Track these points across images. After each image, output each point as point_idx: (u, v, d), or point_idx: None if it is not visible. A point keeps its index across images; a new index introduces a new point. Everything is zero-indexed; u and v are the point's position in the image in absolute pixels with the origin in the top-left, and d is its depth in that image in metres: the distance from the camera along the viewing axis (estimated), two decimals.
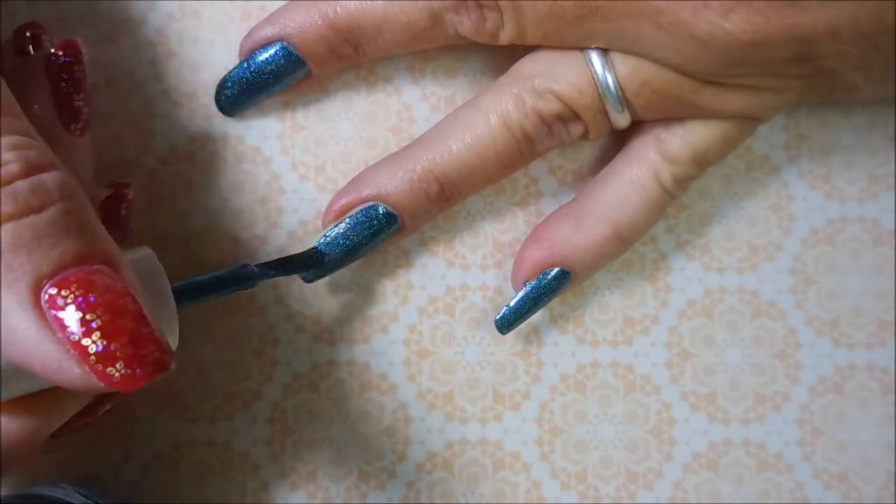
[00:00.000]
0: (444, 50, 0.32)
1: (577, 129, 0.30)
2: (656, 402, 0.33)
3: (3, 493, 0.31)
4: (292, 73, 0.30)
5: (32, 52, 0.28)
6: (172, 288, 0.25)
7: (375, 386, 0.32)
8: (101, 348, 0.21)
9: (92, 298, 0.21)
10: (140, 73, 0.31)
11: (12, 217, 0.21)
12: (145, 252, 0.25)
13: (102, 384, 0.21)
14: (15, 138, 0.22)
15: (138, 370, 0.21)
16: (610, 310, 0.33)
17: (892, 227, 0.33)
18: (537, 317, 0.32)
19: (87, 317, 0.21)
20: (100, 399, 0.28)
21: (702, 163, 0.30)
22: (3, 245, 0.20)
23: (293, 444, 0.32)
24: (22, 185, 0.21)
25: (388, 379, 0.32)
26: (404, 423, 0.32)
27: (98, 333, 0.21)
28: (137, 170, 0.31)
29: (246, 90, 0.31)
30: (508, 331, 0.32)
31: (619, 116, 0.29)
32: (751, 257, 0.33)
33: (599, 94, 0.29)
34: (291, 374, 0.32)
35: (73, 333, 0.20)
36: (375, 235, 0.30)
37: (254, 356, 0.32)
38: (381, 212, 0.30)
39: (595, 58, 0.28)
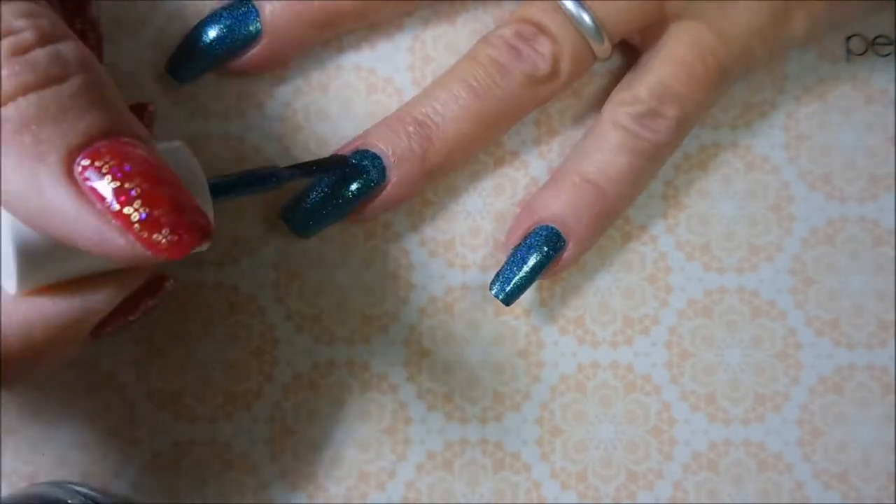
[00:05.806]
0: (445, 50, 0.32)
1: (545, 46, 0.30)
2: (656, 402, 0.33)
3: (3, 494, 0.31)
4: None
5: None
6: (208, 182, 0.24)
7: (375, 386, 0.32)
8: (144, 216, 0.20)
9: (127, 167, 0.20)
10: (140, 73, 0.31)
11: (34, 88, 0.20)
12: (178, 144, 0.24)
13: (149, 253, 0.20)
14: (24, 4, 0.20)
15: (185, 235, 0.20)
16: (610, 310, 0.33)
17: (892, 227, 0.33)
18: (537, 317, 0.32)
19: (126, 185, 0.20)
20: (141, 293, 0.28)
21: (661, 95, 0.30)
22: (29, 117, 0.20)
23: (293, 444, 0.32)
24: (39, 53, 0.20)
25: (388, 379, 0.32)
26: (404, 423, 0.32)
27: (139, 202, 0.20)
28: None
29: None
30: (508, 296, 0.31)
31: (583, 15, 0.30)
32: (751, 257, 0.33)
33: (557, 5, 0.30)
34: (291, 374, 0.32)
35: (111, 203, 0.20)
36: (360, 175, 0.30)
37: (254, 356, 0.32)
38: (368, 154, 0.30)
39: None
